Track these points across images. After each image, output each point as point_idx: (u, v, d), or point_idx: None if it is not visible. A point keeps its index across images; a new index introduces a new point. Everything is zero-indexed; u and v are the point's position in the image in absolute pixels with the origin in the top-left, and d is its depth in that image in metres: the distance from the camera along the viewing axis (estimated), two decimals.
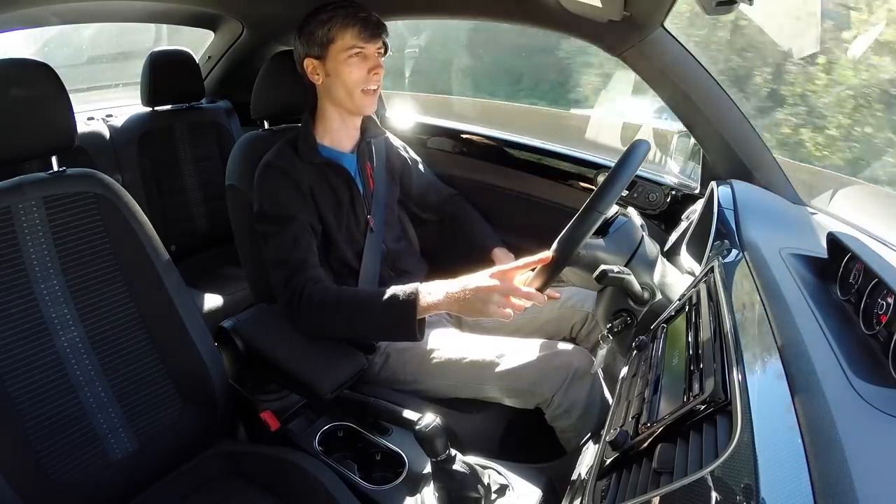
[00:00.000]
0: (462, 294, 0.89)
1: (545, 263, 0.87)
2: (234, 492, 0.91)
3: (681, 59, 1.08)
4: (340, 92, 1.08)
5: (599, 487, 0.56)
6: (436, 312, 0.94)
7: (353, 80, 1.06)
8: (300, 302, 0.98)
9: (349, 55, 1.05)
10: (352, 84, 1.06)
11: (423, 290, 0.93)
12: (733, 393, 0.48)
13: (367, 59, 1.06)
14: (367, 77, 1.06)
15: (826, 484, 0.38)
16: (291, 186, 1.05)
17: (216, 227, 1.88)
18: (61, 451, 0.82)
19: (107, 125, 1.75)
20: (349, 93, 1.07)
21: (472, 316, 0.90)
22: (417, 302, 0.92)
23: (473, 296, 0.87)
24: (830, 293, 0.72)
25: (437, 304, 0.91)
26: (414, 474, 0.89)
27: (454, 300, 0.90)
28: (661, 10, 0.96)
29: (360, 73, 1.06)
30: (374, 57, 1.07)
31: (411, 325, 0.92)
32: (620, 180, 0.87)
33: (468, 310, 0.89)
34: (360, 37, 1.04)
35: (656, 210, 1.32)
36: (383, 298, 0.94)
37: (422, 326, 0.95)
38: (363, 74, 1.06)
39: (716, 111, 1.10)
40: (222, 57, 1.93)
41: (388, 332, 1.01)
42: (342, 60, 1.05)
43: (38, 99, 0.85)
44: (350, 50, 1.04)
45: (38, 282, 0.83)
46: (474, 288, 0.88)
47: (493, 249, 1.28)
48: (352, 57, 1.05)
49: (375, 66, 1.07)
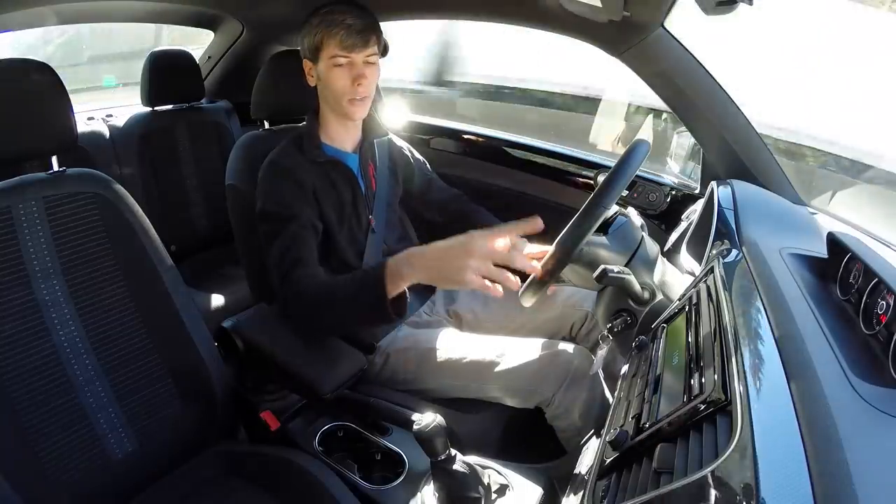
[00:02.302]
0: (434, 261, 0.81)
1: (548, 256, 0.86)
2: (234, 492, 0.91)
3: (681, 59, 1.08)
4: (330, 97, 1.07)
5: (599, 487, 0.56)
6: (409, 283, 0.86)
7: (339, 88, 1.04)
8: (294, 298, 0.96)
9: (333, 63, 1.02)
10: (338, 93, 1.04)
11: (391, 262, 0.86)
12: (733, 393, 0.48)
13: (353, 68, 1.03)
14: (350, 87, 1.03)
15: (826, 484, 0.38)
16: (295, 185, 1.05)
17: (216, 227, 1.87)
18: (61, 450, 0.82)
19: (107, 125, 1.74)
20: (337, 100, 1.06)
21: (448, 285, 0.81)
22: (385, 275, 0.85)
23: (447, 261, 0.79)
24: (830, 293, 0.72)
25: (407, 273, 0.84)
26: (414, 474, 0.89)
27: (425, 268, 0.82)
28: (661, 10, 0.96)
29: (345, 82, 1.03)
30: (361, 66, 1.03)
31: (384, 303, 0.85)
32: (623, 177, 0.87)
33: (442, 278, 0.82)
34: (343, 46, 1.00)
35: (656, 210, 1.33)
36: (354, 279, 0.90)
37: (400, 305, 0.87)
38: (347, 84, 1.03)
39: (716, 111, 1.10)
40: (222, 57, 1.93)
41: (366, 316, 0.93)
42: (328, 68, 1.03)
43: (39, 99, 0.85)
44: (334, 59, 1.02)
45: (38, 282, 0.83)
46: (446, 248, 0.80)
47: None
48: (336, 66, 1.02)
49: (360, 77, 1.03)
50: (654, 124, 1.81)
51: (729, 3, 0.74)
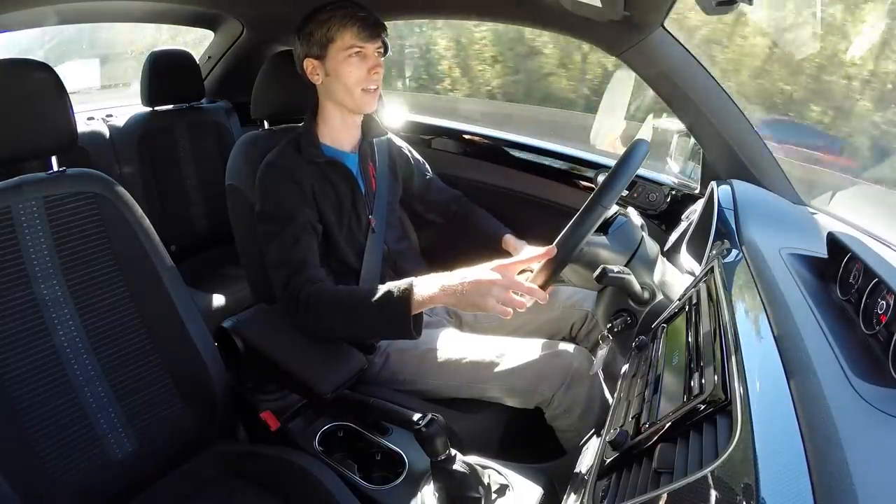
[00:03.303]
0: (461, 287, 0.86)
1: (548, 259, 0.87)
2: (234, 492, 0.91)
3: (681, 59, 1.08)
4: (341, 91, 1.08)
5: (599, 487, 0.56)
6: (432, 306, 0.91)
7: (354, 79, 1.06)
8: (298, 303, 0.98)
9: (349, 54, 1.04)
10: (352, 83, 1.06)
11: (417, 284, 0.90)
12: (733, 393, 0.48)
13: (367, 59, 1.06)
14: (367, 76, 1.06)
15: (826, 484, 0.38)
16: (293, 186, 1.05)
17: (216, 227, 1.87)
18: (61, 450, 0.82)
19: (107, 125, 1.74)
20: (349, 92, 1.07)
21: (469, 310, 0.87)
22: (412, 297, 0.89)
23: (472, 289, 0.84)
24: (830, 293, 0.72)
25: (434, 297, 0.88)
26: (414, 474, 0.89)
27: (451, 293, 0.87)
28: (661, 10, 0.96)
29: (360, 72, 1.06)
30: (374, 56, 1.06)
31: (407, 322, 0.90)
32: (623, 176, 0.88)
33: (466, 303, 0.86)
34: (360, 36, 1.03)
35: (656, 210, 1.32)
36: (378, 296, 0.92)
37: (418, 323, 0.92)
38: (363, 73, 1.06)
39: (716, 111, 1.10)
40: (222, 57, 1.93)
41: (385, 331, 0.99)
42: (342, 60, 1.05)
43: (39, 99, 0.85)
44: (350, 49, 1.04)
45: (38, 282, 0.83)
46: (473, 281, 0.85)
47: (504, 237, 1.27)
48: (351, 56, 1.04)
49: (375, 66, 1.06)
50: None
51: (729, 3, 0.75)
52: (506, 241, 1.26)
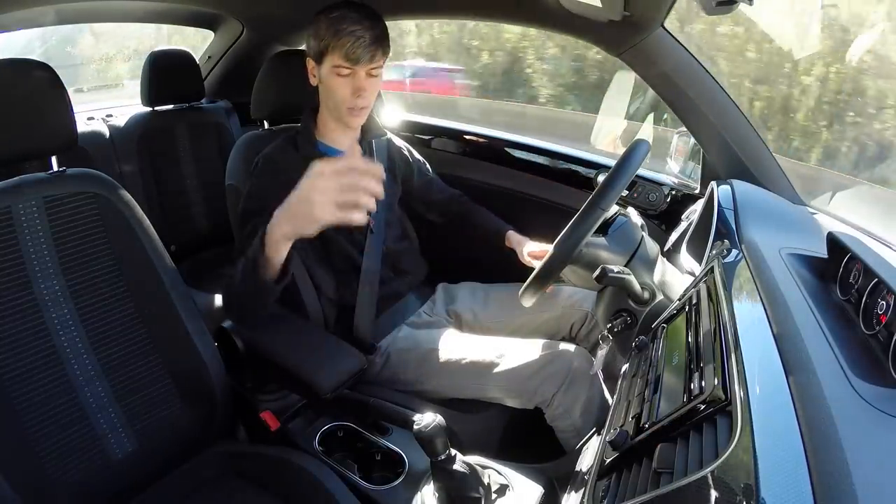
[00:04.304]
0: (288, 209, 0.79)
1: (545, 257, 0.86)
2: (234, 492, 0.91)
3: (681, 59, 1.08)
4: (329, 101, 1.07)
5: (599, 487, 0.56)
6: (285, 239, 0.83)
7: (339, 96, 1.03)
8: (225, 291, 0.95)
9: (336, 72, 1.01)
10: (338, 100, 1.04)
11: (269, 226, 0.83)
12: (733, 393, 0.48)
13: (355, 79, 1.02)
14: (350, 98, 1.03)
15: (826, 484, 0.38)
16: (280, 180, 1.03)
17: (216, 227, 1.87)
18: (61, 450, 0.82)
19: (107, 125, 1.74)
20: (336, 106, 1.06)
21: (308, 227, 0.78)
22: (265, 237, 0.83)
23: (296, 205, 0.77)
24: (830, 293, 0.72)
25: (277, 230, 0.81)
26: (414, 474, 0.89)
27: (285, 218, 0.80)
28: (661, 10, 0.96)
29: (345, 92, 1.02)
30: (363, 78, 1.02)
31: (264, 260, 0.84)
32: (623, 177, 0.88)
33: (300, 223, 0.78)
34: (349, 58, 0.99)
35: (656, 210, 1.32)
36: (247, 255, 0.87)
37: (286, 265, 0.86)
38: (347, 94, 1.02)
39: (716, 111, 1.10)
40: (222, 57, 1.93)
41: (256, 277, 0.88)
42: (330, 75, 1.02)
43: (39, 99, 0.85)
44: (337, 68, 1.01)
45: (38, 282, 0.83)
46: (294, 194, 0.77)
47: (507, 233, 1.26)
48: (339, 76, 1.01)
49: (360, 89, 1.02)
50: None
51: (729, 3, 0.75)
52: (509, 237, 1.26)
